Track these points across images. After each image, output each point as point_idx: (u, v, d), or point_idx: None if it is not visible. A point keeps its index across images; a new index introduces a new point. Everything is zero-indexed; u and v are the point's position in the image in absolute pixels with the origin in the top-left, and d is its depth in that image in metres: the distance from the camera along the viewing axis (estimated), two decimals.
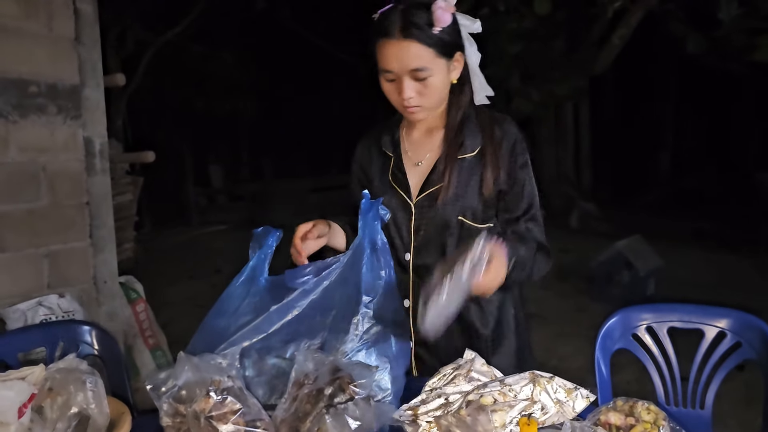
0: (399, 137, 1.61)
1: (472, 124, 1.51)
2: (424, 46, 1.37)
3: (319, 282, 1.33)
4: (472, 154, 1.49)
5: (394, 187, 1.55)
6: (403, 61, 1.38)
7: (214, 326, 1.32)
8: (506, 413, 1.06)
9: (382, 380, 1.22)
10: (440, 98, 1.48)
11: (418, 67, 1.38)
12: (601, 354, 1.77)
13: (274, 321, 1.28)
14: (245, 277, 1.37)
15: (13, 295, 2.46)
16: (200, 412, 0.99)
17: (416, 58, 1.38)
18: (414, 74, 1.40)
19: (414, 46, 1.37)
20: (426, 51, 1.38)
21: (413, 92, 1.42)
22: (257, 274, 1.37)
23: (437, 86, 1.43)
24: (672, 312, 1.82)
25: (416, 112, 1.46)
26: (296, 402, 1.07)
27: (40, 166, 2.55)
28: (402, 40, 1.37)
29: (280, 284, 1.35)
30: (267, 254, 1.40)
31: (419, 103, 1.44)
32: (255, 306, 1.32)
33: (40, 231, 2.56)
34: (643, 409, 1.10)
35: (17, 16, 2.46)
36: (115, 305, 2.96)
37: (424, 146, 1.56)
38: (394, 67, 1.40)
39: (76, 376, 1.05)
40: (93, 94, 2.80)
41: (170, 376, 1.04)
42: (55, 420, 1.01)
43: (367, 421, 1.01)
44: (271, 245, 1.40)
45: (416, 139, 1.58)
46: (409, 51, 1.37)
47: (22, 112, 2.49)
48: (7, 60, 2.44)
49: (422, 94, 1.43)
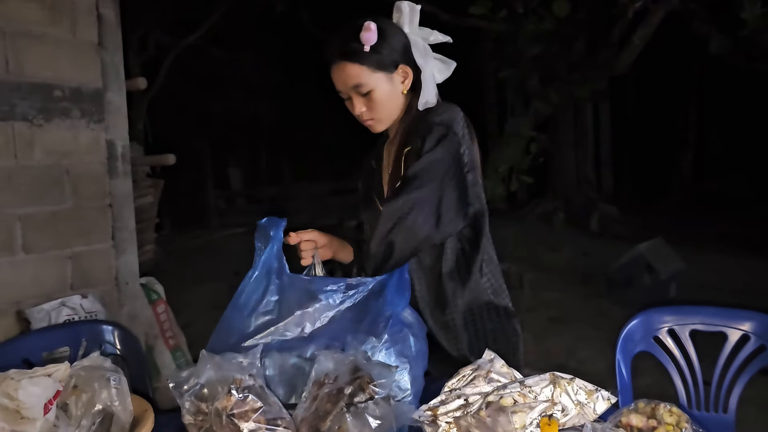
0: (382, 151, 1.72)
1: (416, 122, 1.58)
2: (358, 65, 1.51)
3: (345, 298, 1.34)
4: (408, 149, 1.56)
5: (373, 199, 1.66)
6: (344, 80, 1.53)
7: (232, 322, 1.33)
8: (526, 414, 1.05)
9: (401, 380, 1.22)
10: (390, 109, 1.58)
11: (356, 83, 1.52)
12: (621, 356, 1.76)
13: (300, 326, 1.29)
14: (260, 272, 1.37)
15: (38, 295, 2.50)
16: (222, 410, 1.00)
17: (353, 77, 1.52)
18: (357, 90, 1.53)
19: (348, 67, 1.51)
20: (360, 69, 1.51)
21: (363, 107, 1.55)
22: (272, 268, 1.37)
23: (382, 99, 1.54)
24: (694, 314, 1.80)
25: (373, 124, 1.60)
26: (317, 401, 1.08)
27: (63, 169, 2.59)
28: (339, 62, 1.53)
29: (303, 285, 1.35)
30: (276, 246, 1.40)
31: (371, 116, 1.57)
32: (277, 305, 1.33)
33: (63, 233, 2.60)
34: (665, 411, 1.09)
35: (42, 22, 2.51)
36: (136, 306, 3.00)
37: (392, 154, 1.64)
38: (341, 88, 1.56)
39: (101, 373, 1.07)
40: (115, 98, 2.84)
41: (192, 375, 1.06)
42: (80, 417, 1.03)
43: (387, 420, 1.02)
44: (278, 237, 1.40)
45: (388, 149, 1.68)
46: (345, 71, 1.52)
47: (47, 116, 2.53)
48: (33, 65, 2.48)
49: (370, 108, 1.55)
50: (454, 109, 1.56)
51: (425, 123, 1.53)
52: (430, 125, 1.51)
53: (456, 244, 1.56)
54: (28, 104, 2.47)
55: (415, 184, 1.44)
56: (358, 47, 1.50)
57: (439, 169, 1.46)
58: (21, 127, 2.45)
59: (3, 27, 2.38)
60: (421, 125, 1.54)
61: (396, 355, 1.24)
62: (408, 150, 1.53)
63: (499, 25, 6.89)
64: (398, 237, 1.42)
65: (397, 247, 1.42)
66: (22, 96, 2.45)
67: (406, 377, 1.23)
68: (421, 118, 1.56)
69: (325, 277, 1.41)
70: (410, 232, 1.42)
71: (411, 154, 1.52)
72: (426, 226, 1.43)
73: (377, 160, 1.72)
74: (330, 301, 1.32)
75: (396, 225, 1.42)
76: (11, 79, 2.41)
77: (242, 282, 1.37)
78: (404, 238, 1.42)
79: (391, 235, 1.42)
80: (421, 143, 1.50)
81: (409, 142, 1.54)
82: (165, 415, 1.17)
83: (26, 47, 2.46)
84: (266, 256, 1.38)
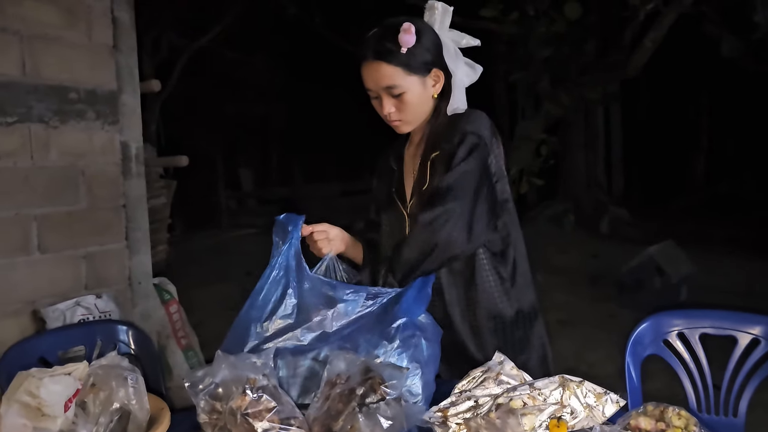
0: (403, 152, 1.72)
1: (444, 127, 1.58)
2: (393, 66, 1.50)
3: (366, 306, 1.35)
4: (436, 153, 1.56)
5: (395, 200, 1.67)
6: (377, 80, 1.52)
7: (249, 324, 1.34)
8: (535, 417, 1.06)
9: (413, 385, 1.23)
10: (419, 112, 1.58)
11: (389, 85, 1.51)
12: (631, 360, 1.76)
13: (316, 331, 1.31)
14: (278, 272, 1.38)
15: (53, 294, 2.53)
16: (237, 409, 1.02)
17: (387, 78, 1.51)
18: (389, 91, 1.52)
19: (383, 67, 1.51)
20: (395, 70, 1.50)
21: (392, 107, 1.55)
22: (290, 267, 1.38)
23: (413, 101, 1.54)
24: (704, 318, 1.80)
25: (399, 125, 1.59)
26: (329, 401, 1.10)
27: (79, 170, 2.63)
28: (374, 61, 1.51)
29: (323, 289, 1.37)
30: (295, 244, 1.41)
31: (399, 117, 1.56)
32: (295, 309, 1.34)
33: (78, 233, 2.63)
34: (674, 414, 1.10)
35: (58, 25, 2.54)
36: (149, 306, 3.03)
37: (416, 157, 1.64)
38: (371, 86, 1.55)
39: (118, 372, 1.09)
40: (129, 100, 2.87)
41: (207, 374, 1.08)
42: (98, 415, 1.05)
43: (398, 421, 1.04)
44: (296, 234, 1.42)
45: (412, 151, 1.69)
46: (380, 71, 1.51)
47: (63, 117, 2.56)
48: (49, 68, 2.52)
49: (400, 109, 1.55)
50: (483, 117, 1.57)
51: (455, 130, 1.54)
52: (463, 134, 1.52)
53: (486, 252, 1.57)
54: (44, 106, 2.50)
55: (451, 195, 1.46)
56: (394, 48, 1.49)
57: (472, 181, 1.49)
58: (37, 128, 2.49)
59: (20, 30, 2.42)
60: (450, 131, 1.55)
61: (408, 360, 1.25)
62: (436, 155, 1.54)
63: (510, 28, 6.90)
64: (434, 247, 1.44)
65: (431, 256, 1.45)
66: (39, 98, 2.48)
67: (417, 381, 1.24)
68: (450, 124, 1.57)
69: (346, 284, 1.41)
70: (445, 243, 1.45)
71: (439, 159, 1.53)
72: (460, 238, 1.45)
73: (397, 161, 1.72)
74: (349, 309, 1.33)
75: (432, 235, 1.44)
76: (28, 81, 2.45)
77: (259, 281, 1.38)
78: (440, 249, 1.45)
79: (427, 245, 1.45)
80: (451, 150, 1.51)
81: (437, 147, 1.55)
82: (179, 414, 1.19)
83: (42, 50, 2.50)
84: (284, 254, 1.39)
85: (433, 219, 1.45)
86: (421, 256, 1.45)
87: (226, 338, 1.34)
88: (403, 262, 1.46)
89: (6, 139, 2.39)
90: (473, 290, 1.57)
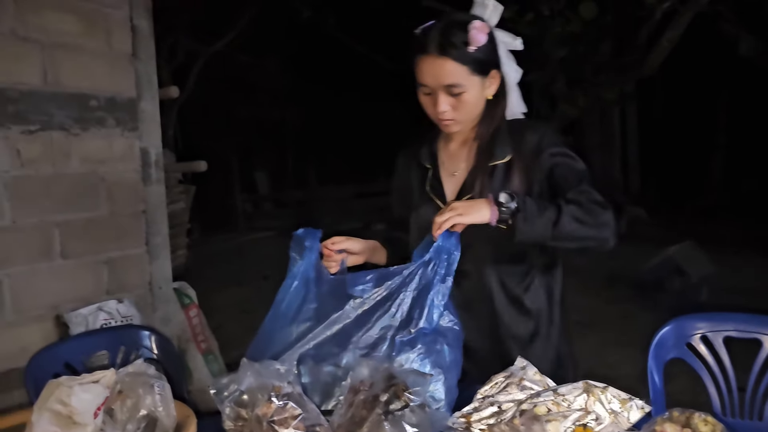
0: (437, 149, 1.66)
1: (504, 134, 1.54)
2: (459, 64, 1.42)
3: (379, 291, 1.34)
4: (503, 161, 1.52)
5: (431, 198, 1.60)
6: (438, 77, 1.44)
7: (271, 331, 1.35)
8: (560, 423, 1.06)
9: (436, 391, 1.22)
10: (474, 113, 1.52)
11: (452, 83, 1.43)
12: (654, 363, 1.75)
13: (332, 327, 1.31)
14: (299, 283, 1.39)
15: (75, 300, 2.56)
16: (263, 416, 1.03)
17: (450, 75, 1.43)
18: (448, 90, 1.45)
19: (449, 64, 1.42)
20: (460, 69, 1.43)
21: (447, 106, 1.47)
22: (310, 278, 1.39)
23: (471, 102, 1.48)
24: (728, 321, 1.78)
25: (450, 125, 1.52)
26: (352, 408, 1.10)
27: (99, 177, 2.66)
28: (437, 57, 1.42)
29: (341, 288, 1.37)
30: (313, 257, 1.42)
31: (453, 116, 1.49)
32: (316, 312, 1.35)
33: (99, 239, 2.66)
34: (700, 420, 1.08)
35: (78, 33, 2.58)
36: (169, 310, 3.05)
37: (459, 157, 1.61)
38: (429, 82, 1.46)
39: (145, 379, 1.11)
40: (148, 107, 2.90)
41: (233, 381, 1.08)
42: (125, 422, 1.06)
43: (423, 427, 1.03)
44: (313, 247, 1.43)
45: (453, 150, 1.63)
46: (443, 68, 1.42)
47: (83, 125, 2.60)
48: (69, 75, 2.55)
49: (456, 109, 1.48)
50: (547, 127, 1.56)
51: (526, 130, 1.52)
52: (533, 132, 1.51)
53: (537, 264, 1.56)
54: (65, 114, 2.54)
55: (578, 188, 1.42)
56: (462, 45, 1.42)
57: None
58: (58, 136, 2.52)
59: (41, 39, 2.45)
60: (514, 131, 1.52)
61: (431, 366, 1.25)
62: (508, 162, 1.50)
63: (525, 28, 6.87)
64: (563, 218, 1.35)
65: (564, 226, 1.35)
66: (59, 106, 2.52)
67: (440, 387, 1.23)
68: (513, 130, 1.53)
69: (355, 273, 1.40)
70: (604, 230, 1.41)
71: (519, 160, 1.49)
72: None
73: (431, 158, 1.65)
74: (364, 296, 1.33)
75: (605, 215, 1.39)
76: (49, 90, 2.49)
77: (280, 291, 1.39)
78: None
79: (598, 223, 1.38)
80: (534, 151, 1.48)
81: (498, 154, 1.51)
82: (204, 420, 1.20)
83: (63, 59, 2.53)
84: (304, 267, 1.40)
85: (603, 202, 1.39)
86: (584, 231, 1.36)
87: (250, 346, 1.35)
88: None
89: (28, 147, 2.43)
90: (522, 302, 1.55)
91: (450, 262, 1.35)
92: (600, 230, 1.38)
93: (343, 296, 1.34)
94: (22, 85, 2.41)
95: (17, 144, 2.40)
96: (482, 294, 1.55)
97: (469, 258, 1.50)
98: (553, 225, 1.33)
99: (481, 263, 1.54)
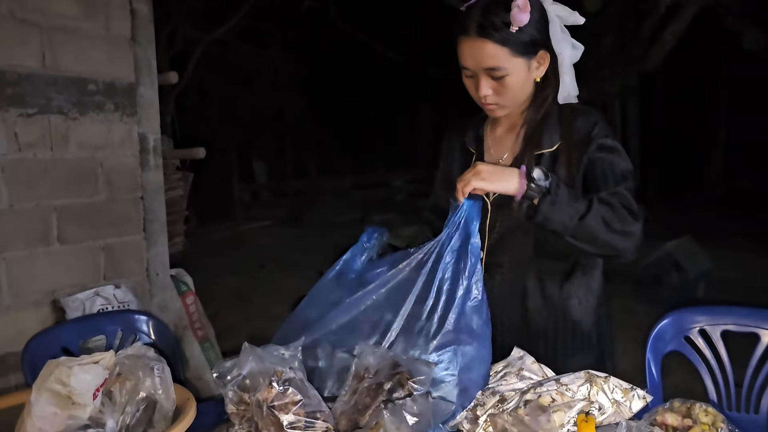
0: (483, 134, 1.58)
1: (554, 120, 1.45)
2: (499, 46, 1.33)
3: (394, 275, 1.31)
4: (549, 150, 1.43)
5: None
6: (478, 60, 1.35)
7: (303, 317, 1.35)
8: (565, 413, 1.05)
9: (448, 393, 1.17)
10: (519, 96, 1.43)
11: (492, 66, 1.35)
12: (652, 356, 1.75)
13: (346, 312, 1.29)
14: (336, 271, 1.39)
15: (72, 285, 2.56)
16: (263, 401, 1.02)
17: (490, 58, 1.34)
18: (489, 73, 1.36)
19: (488, 46, 1.33)
20: (501, 51, 1.33)
21: (489, 90, 1.39)
22: (348, 268, 1.39)
23: (514, 85, 1.39)
24: (726, 315, 1.78)
25: (495, 109, 1.44)
26: (356, 395, 1.09)
27: (98, 162, 2.64)
28: (477, 39, 1.34)
29: (363, 278, 1.36)
30: (361, 249, 1.42)
31: (496, 101, 1.41)
32: (339, 298, 1.33)
33: (97, 224, 2.65)
34: (701, 410, 1.09)
35: (77, 17, 2.55)
36: (166, 297, 3.05)
37: (505, 143, 1.52)
38: (470, 65, 1.38)
39: (144, 362, 1.10)
40: (147, 92, 2.88)
41: (235, 365, 1.08)
42: (124, 404, 1.05)
43: (425, 417, 1.01)
44: (367, 242, 1.43)
45: (499, 136, 1.55)
46: (483, 50, 1.34)
47: (82, 109, 2.58)
48: (68, 59, 2.53)
49: (499, 93, 1.39)
50: (599, 114, 1.46)
51: (577, 118, 1.42)
52: (584, 122, 1.41)
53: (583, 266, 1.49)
54: (63, 98, 2.52)
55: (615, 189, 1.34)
56: (502, 25, 1.32)
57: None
58: (57, 120, 2.50)
59: (39, 22, 2.43)
60: (564, 119, 1.43)
61: (445, 365, 1.19)
62: (554, 151, 1.41)
63: None
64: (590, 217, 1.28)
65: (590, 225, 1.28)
66: (58, 90, 2.50)
67: (452, 390, 1.17)
68: (563, 116, 1.44)
69: (376, 260, 1.39)
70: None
71: (566, 151, 1.39)
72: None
73: (476, 142, 1.57)
74: (378, 282, 1.31)
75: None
76: (47, 73, 2.47)
77: (320, 280, 1.40)
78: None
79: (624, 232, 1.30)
80: (583, 142, 1.39)
81: (545, 142, 1.42)
82: (205, 404, 1.20)
83: (62, 42, 2.51)
84: (347, 256, 1.42)
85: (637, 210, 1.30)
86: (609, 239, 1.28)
87: (276, 333, 1.36)
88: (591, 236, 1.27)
89: (26, 131, 2.41)
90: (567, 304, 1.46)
91: (467, 234, 1.29)
92: (625, 240, 1.29)
93: (361, 281, 1.34)
94: (20, 67, 2.39)
95: (15, 127, 2.38)
96: (515, 290, 1.46)
97: (505, 250, 1.45)
98: (579, 218, 1.25)
99: (518, 256, 1.45)
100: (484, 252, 1.47)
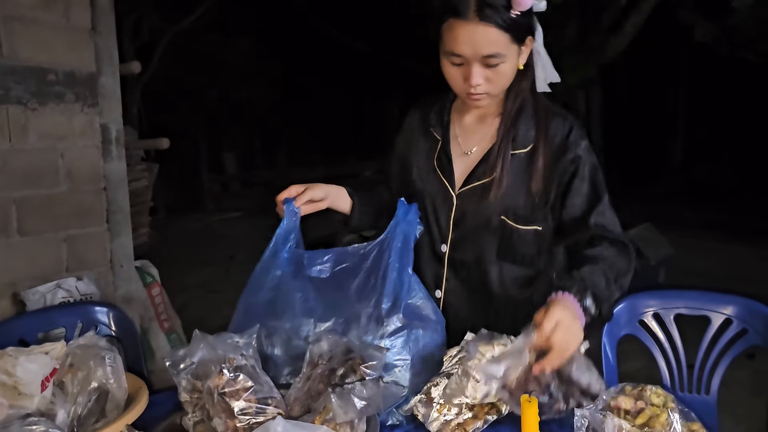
0: (449, 120, 1.49)
1: (528, 114, 1.40)
2: (501, 31, 1.23)
3: (336, 273, 1.33)
4: (523, 151, 1.39)
5: (437, 174, 1.46)
6: (476, 46, 1.23)
7: (247, 303, 1.35)
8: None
9: (400, 377, 1.19)
10: (506, 85, 1.36)
11: (491, 53, 1.24)
12: (607, 339, 1.79)
13: (296, 304, 1.31)
14: (269, 252, 1.38)
15: (33, 277, 2.52)
16: (214, 388, 1.03)
17: (491, 44, 1.23)
18: (486, 60, 1.25)
19: (491, 31, 1.22)
20: (502, 36, 1.23)
21: (482, 79, 1.28)
22: (279, 247, 1.38)
23: (507, 73, 1.30)
24: (678, 298, 1.83)
25: (481, 99, 1.33)
26: (309, 381, 1.10)
27: (58, 153, 2.61)
28: (478, 22, 1.21)
29: (299, 261, 1.36)
30: (285, 226, 1.41)
31: (487, 90, 1.31)
32: (277, 282, 1.34)
33: (58, 215, 2.62)
34: (652, 393, 1.12)
35: (35, 6, 2.51)
36: (131, 289, 3.02)
37: (475, 134, 1.45)
38: (464, 51, 1.25)
39: (96, 352, 1.10)
40: (109, 82, 2.85)
41: (188, 354, 1.08)
42: (76, 394, 1.05)
43: (374, 401, 1.02)
44: (288, 216, 1.41)
45: (468, 125, 1.47)
46: (486, 36, 1.22)
47: (41, 99, 2.54)
48: (27, 49, 2.49)
49: (490, 81, 1.29)
50: (573, 118, 1.45)
51: (553, 120, 1.39)
52: (559, 125, 1.39)
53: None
54: (22, 88, 2.47)
55: (598, 208, 1.39)
56: (503, 9, 1.21)
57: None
58: (15, 110, 2.46)
59: None
60: (540, 117, 1.39)
61: (399, 349, 1.21)
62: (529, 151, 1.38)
63: None
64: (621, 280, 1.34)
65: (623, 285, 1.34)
66: (17, 80, 2.46)
67: (405, 374, 1.20)
68: (539, 112, 1.40)
69: (313, 252, 1.39)
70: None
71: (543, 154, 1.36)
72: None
73: (442, 129, 1.49)
74: (321, 276, 1.33)
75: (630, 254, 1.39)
76: (6, 63, 2.42)
77: (259, 262, 1.38)
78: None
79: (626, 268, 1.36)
80: (559, 149, 1.36)
81: (519, 140, 1.38)
82: (162, 394, 1.20)
83: (20, 31, 2.46)
84: (276, 234, 1.40)
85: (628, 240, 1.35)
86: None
87: (231, 322, 1.35)
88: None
89: None
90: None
91: (407, 237, 1.34)
92: (630, 268, 1.35)
93: (302, 267, 1.34)
94: None
95: None
96: (477, 289, 1.44)
97: (468, 246, 1.43)
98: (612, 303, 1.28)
99: (481, 256, 1.43)
100: (448, 246, 1.45)
